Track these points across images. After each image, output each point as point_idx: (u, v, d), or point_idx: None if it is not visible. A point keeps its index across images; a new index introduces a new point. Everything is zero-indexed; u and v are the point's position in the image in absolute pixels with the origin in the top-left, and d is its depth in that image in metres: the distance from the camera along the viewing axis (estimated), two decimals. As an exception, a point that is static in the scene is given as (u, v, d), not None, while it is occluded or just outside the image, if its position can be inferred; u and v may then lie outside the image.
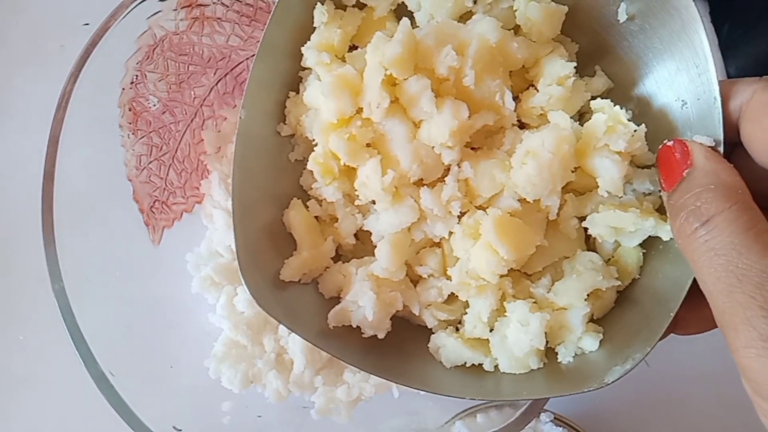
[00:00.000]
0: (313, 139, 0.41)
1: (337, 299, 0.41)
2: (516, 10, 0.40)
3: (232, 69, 0.54)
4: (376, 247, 0.40)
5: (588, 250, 0.41)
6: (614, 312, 0.40)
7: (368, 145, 0.39)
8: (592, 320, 0.40)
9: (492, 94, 0.38)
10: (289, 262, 0.40)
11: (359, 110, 0.38)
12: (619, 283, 0.39)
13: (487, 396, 0.40)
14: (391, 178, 0.38)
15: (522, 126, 0.40)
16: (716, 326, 0.36)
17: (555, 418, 0.52)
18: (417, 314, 0.41)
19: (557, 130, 0.37)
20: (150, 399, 0.46)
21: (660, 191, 0.37)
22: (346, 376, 0.50)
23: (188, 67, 0.52)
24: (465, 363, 0.40)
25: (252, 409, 0.51)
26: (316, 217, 0.42)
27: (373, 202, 0.40)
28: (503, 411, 0.49)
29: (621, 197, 0.38)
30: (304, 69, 0.42)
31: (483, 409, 0.50)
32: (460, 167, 0.38)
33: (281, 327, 0.52)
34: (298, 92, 0.42)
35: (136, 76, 0.49)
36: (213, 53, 0.52)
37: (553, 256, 0.40)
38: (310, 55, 0.40)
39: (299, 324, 0.39)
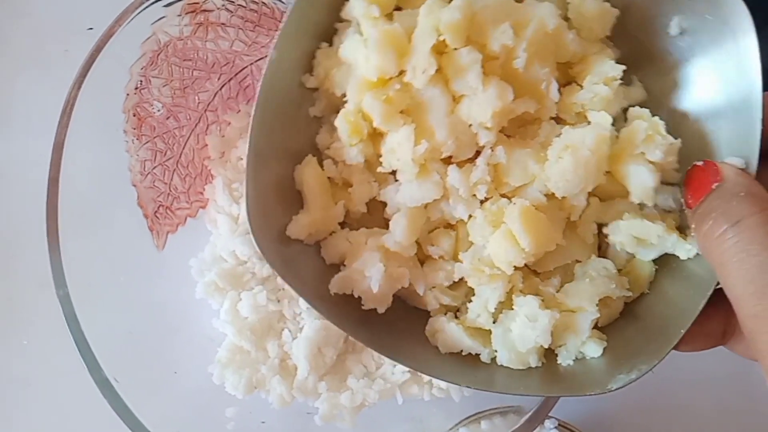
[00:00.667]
0: (342, 95, 0.39)
1: (337, 266, 0.40)
2: (569, 3, 0.38)
3: (236, 74, 0.53)
4: (386, 219, 0.39)
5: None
6: (618, 324, 0.40)
7: (402, 112, 0.37)
8: (596, 327, 0.39)
9: (539, 81, 0.37)
10: (297, 218, 0.39)
11: (400, 73, 0.37)
12: (630, 293, 0.39)
13: (480, 386, 0.38)
14: (424, 149, 0.36)
15: (557, 121, 0.39)
16: (717, 344, 0.36)
17: (559, 424, 0.52)
18: (421, 294, 0.40)
19: (599, 129, 0.36)
20: (153, 405, 0.46)
21: (680, 210, 0.36)
22: (349, 381, 0.50)
23: (192, 73, 0.52)
24: (461, 351, 0.39)
25: (256, 414, 0.51)
26: (329, 179, 0.41)
27: (394, 173, 0.39)
28: (507, 417, 0.49)
29: (644, 209, 0.38)
30: (342, 21, 0.40)
31: (487, 415, 0.50)
32: (493, 151, 0.37)
33: (285, 332, 0.52)
34: (331, 44, 0.40)
35: (141, 81, 0.49)
36: (217, 58, 0.52)
37: (566, 257, 0.39)
38: (357, 5, 0.37)
39: (299, 283, 0.38)
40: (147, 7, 0.47)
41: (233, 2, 0.49)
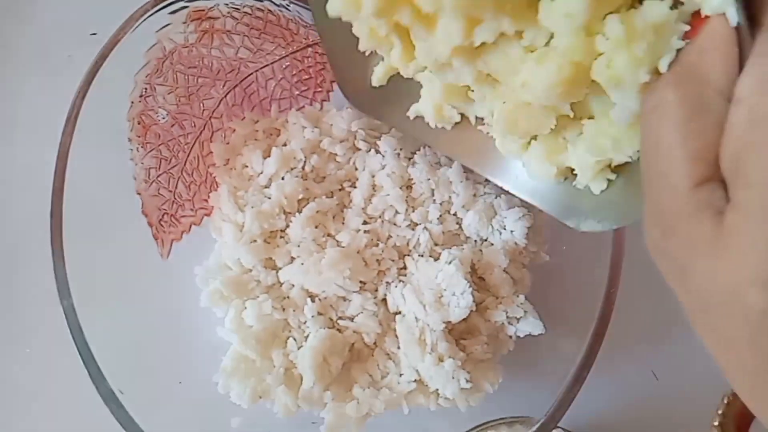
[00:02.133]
0: None
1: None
2: None
3: (241, 81, 0.53)
4: None
5: None
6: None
7: None
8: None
9: None
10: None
11: None
12: (626, 158, 0.36)
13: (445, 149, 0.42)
14: None
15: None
16: None
17: (565, 434, 0.52)
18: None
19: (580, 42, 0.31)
20: (158, 416, 0.45)
21: None
22: (355, 391, 0.50)
23: (197, 80, 0.51)
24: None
25: (261, 424, 0.50)
26: None
27: None
28: (514, 428, 0.49)
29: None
30: None
31: (493, 426, 0.50)
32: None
33: (290, 341, 0.51)
34: None
35: (145, 89, 0.49)
36: (222, 66, 0.52)
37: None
38: None
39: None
40: (152, 14, 0.47)
41: (239, 10, 0.49)
